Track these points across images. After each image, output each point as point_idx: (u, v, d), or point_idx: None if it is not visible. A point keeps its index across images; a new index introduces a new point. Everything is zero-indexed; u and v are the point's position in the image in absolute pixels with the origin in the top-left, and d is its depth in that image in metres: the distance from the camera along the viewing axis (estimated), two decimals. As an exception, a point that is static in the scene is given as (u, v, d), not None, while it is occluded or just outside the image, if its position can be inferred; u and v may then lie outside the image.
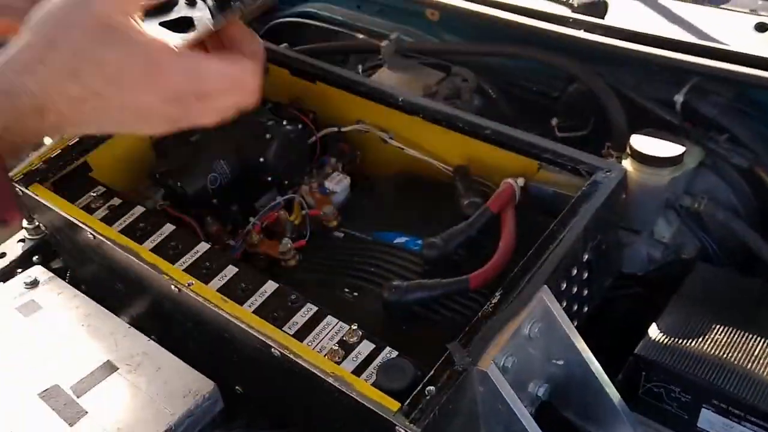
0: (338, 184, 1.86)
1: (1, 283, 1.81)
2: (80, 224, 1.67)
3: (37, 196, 1.75)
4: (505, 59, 2.03)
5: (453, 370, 1.25)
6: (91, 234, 1.65)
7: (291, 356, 1.34)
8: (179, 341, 1.74)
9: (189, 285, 1.49)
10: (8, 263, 1.87)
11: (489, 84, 2.05)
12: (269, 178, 1.90)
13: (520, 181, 1.65)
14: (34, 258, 1.91)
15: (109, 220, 1.69)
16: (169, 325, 1.70)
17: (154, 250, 1.61)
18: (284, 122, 1.88)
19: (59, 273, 2.02)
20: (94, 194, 1.76)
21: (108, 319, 1.67)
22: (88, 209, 1.73)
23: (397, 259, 1.64)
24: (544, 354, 1.39)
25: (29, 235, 1.92)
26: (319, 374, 1.30)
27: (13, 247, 1.90)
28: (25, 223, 1.94)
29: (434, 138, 1.86)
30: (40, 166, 1.80)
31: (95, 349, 1.60)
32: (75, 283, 2.01)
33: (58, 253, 1.96)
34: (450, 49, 2.12)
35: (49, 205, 1.73)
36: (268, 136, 1.84)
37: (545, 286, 1.36)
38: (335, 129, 2.05)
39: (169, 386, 1.51)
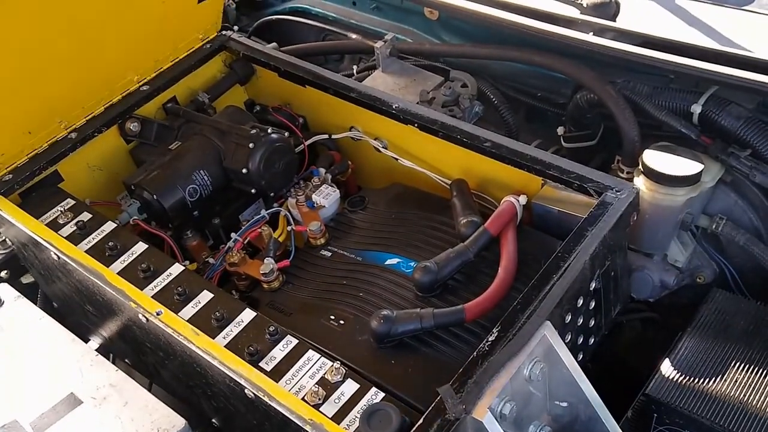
0: (327, 197, 1.72)
1: (-36, 302, 1.69)
2: (44, 242, 1.54)
3: (0, 210, 1.62)
4: (508, 63, 1.89)
5: (444, 419, 1.12)
6: (54, 254, 1.53)
7: (265, 399, 1.21)
8: (153, 367, 1.62)
9: (158, 314, 1.36)
10: (-28, 281, 1.74)
11: (491, 89, 1.91)
12: (253, 190, 1.77)
13: (522, 199, 1.52)
14: (2, 273, 1.78)
15: (76, 238, 1.56)
16: (141, 351, 1.57)
17: (124, 272, 1.48)
18: (269, 130, 1.74)
19: (31, 288, 1.91)
20: (62, 208, 1.63)
21: (74, 345, 1.54)
22: (54, 225, 1.60)
23: (388, 283, 1.51)
24: (547, 394, 1.26)
25: (-3, 248, 1.79)
26: (295, 420, 1.17)
27: (-24, 265, 1.77)
28: (-8, 236, 1.82)
29: (431, 148, 1.72)
30: (5, 177, 1.68)
31: (59, 380, 1.47)
32: (46, 300, 1.89)
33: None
34: (449, 51, 1.97)
35: (12, 220, 1.60)
36: (251, 145, 1.71)
37: (548, 321, 1.23)
38: (325, 136, 1.91)
39: (137, 424, 1.38)
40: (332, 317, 1.46)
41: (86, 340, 1.83)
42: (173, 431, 1.36)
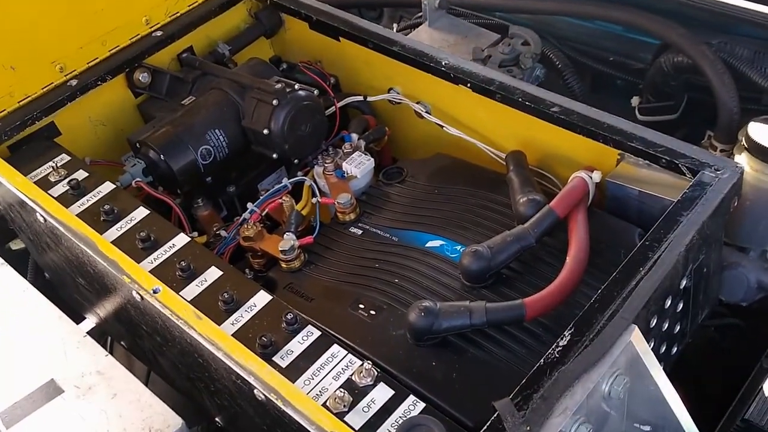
0: (359, 167, 1.48)
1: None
2: (29, 202, 1.32)
3: (-18, 164, 1.41)
4: (578, 20, 1.63)
5: (503, 443, 0.88)
6: (41, 216, 1.30)
7: (278, 403, 0.98)
8: (150, 353, 1.40)
9: (155, 292, 1.14)
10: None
11: (554, 51, 1.65)
12: (274, 155, 1.53)
13: (596, 176, 1.27)
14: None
15: (67, 199, 1.34)
16: (137, 334, 1.35)
17: (119, 241, 1.25)
18: (296, 86, 1.50)
19: (21, 257, 1.70)
20: (55, 164, 1.41)
21: (60, 323, 1.32)
22: (44, 183, 1.38)
23: (429, 269, 1.27)
24: (624, 415, 1.02)
25: (-18, 208, 1.57)
26: (313, 432, 0.94)
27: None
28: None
29: (484, 115, 1.47)
30: (-7, 124, 1.46)
31: (39, 363, 1.25)
32: (37, 270, 1.68)
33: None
34: (509, 5, 1.71)
35: (-5, 175, 1.38)
36: (275, 102, 1.47)
37: (634, 325, 0.98)
38: (360, 98, 1.67)
39: (125, 421, 1.16)
40: (361, 306, 1.23)
41: (81, 318, 1.62)
42: (169, 430, 1.14)
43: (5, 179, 1.36)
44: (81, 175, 1.39)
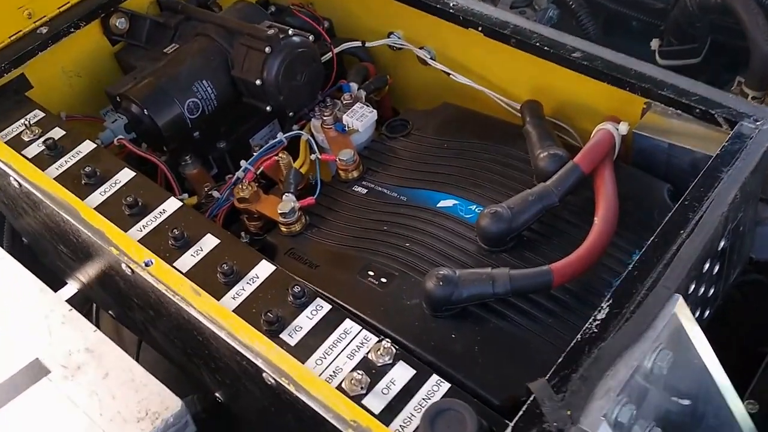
0: (361, 119, 1.37)
1: None
2: (2, 166, 1.20)
3: (-53, 121, 1.28)
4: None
5: (543, 428, 0.80)
6: (15, 180, 1.19)
7: (290, 388, 0.89)
8: (141, 324, 1.30)
9: (147, 265, 1.03)
10: None
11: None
12: (268, 108, 1.41)
13: (623, 128, 1.17)
14: (-42, 202, 1.45)
15: (43, 161, 1.22)
16: (127, 306, 1.25)
17: (104, 207, 1.14)
18: (290, 31, 1.37)
19: (-5, 220, 1.58)
20: (28, 122, 1.29)
21: (43, 296, 1.22)
22: (17, 143, 1.26)
23: (442, 230, 1.17)
24: (665, 390, 0.94)
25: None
26: (332, 421, 0.86)
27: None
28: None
29: (494, 61, 1.36)
30: (-45, 78, 1.32)
31: (21, 340, 1.16)
32: (13, 234, 1.56)
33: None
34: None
35: (-40, 136, 1.26)
36: (267, 49, 1.34)
37: (677, 295, 0.90)
38: (358, 43, 1.55)
39: (119, 403, 1.07)
40: (371, 273, 1.13)
41: (62, 284, 1.52)
42: (166, 414, 1.06)
43: (-27, 141, 1.24)
44: (57, 133, 1.27)
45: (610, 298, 0.90)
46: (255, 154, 1.38)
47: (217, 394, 1.22)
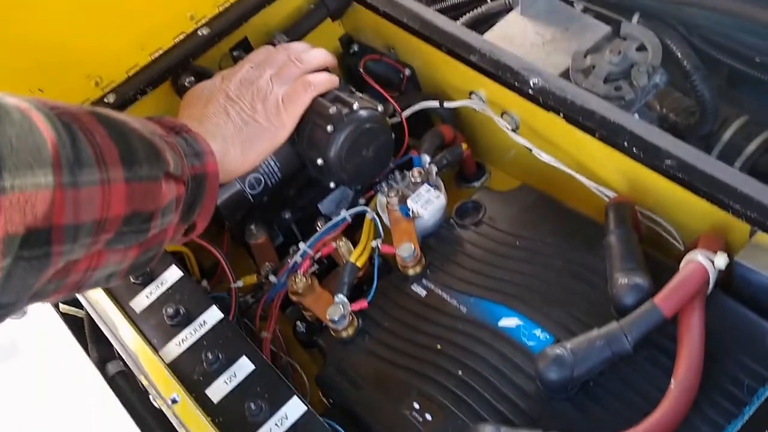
0: (426, 205, 1.25)
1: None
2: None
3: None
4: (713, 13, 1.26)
5: None
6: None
7: None
8: None
9: (173, 401, 0.99)
10: None
11: (680, 45, 1.30)
12: (332, 184, 1.32)
13: (720, 261, 0.98)
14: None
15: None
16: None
17: (146, 314, 1.12)
18: (355, 105, 1.26)
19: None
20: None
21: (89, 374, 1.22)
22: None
23: (500, 360, 1.05)
24: None
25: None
26: None
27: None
28: None
29: (584, 144, 1.19)
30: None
31: None
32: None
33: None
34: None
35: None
36: (329, 128, 1.24)
37: None
38: (435, 104, 1.41)
39: None
40: (416, 406, 1.04)
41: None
42: None
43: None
44: (115, 216, 1.25)
45: None
46: (317, 230, 1.31)
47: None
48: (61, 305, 1.35)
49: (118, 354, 1.14)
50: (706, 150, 1.37)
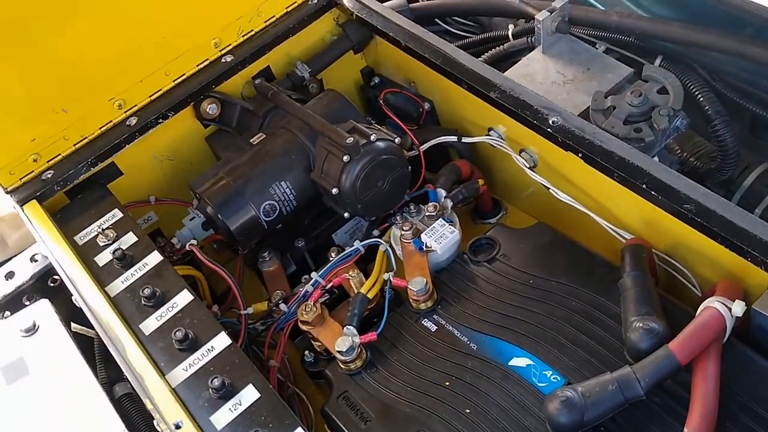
0: (440, 240, 1.24)
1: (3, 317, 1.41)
2: (65, 276, 1.20)
3: (30, 221, 1.30)
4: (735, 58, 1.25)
5: None
6: (74, 296, 1.18)
7: None
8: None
9: (177, 427, 0.98)
10: (15, 288, 1.44)
11: (703, 90, 1.29)
12: (345, 214, 1.32)
13: (737, 309, 0.96)
14: (49, 282, 1.47)
15: (110, 273, 1.20)
16: None
17: (155, 337, 1.11)
18: (372, 136, 1.26)
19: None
20: (105, 224, 1.28)
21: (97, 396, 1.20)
22: (92, 249, 1.25)
23: (509, 400, 1.03)
24: None
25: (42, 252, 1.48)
26: None
27: (24, 267, 1.47)
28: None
29: (602, 184, 1.18)
30: (45, 174, 1.34)
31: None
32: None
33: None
34: (649, 29, 1.34)
35: (40, 236, 1.27)
36: (345, 158, 1.25)
37: None
38: (453, 138, 1.41)
39: None
40: (423, 441, 1.02)
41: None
42: None
43: (52, 239, 1.25)
44: (130, 239, 1.25)
45: None
46: (330, 260, 1.30)
47: None
48: (72, 324, 1.34)
49: (125, 376, 1.14)
50: (726, 196, 1.35)
